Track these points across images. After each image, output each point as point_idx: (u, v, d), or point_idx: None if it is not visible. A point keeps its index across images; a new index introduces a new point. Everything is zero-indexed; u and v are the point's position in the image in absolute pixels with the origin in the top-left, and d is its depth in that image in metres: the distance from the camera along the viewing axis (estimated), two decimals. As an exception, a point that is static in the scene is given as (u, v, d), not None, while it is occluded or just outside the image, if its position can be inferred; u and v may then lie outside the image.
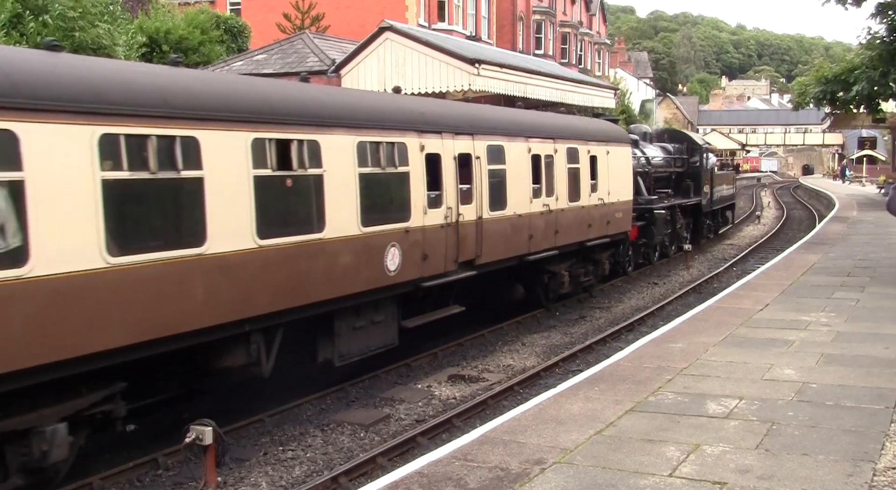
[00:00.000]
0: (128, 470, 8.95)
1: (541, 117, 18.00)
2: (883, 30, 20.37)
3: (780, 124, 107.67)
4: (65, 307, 7.43)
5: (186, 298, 8.60)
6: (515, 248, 15.19)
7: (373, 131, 11.41)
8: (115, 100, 7.96)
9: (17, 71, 7.35)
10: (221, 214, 8.92)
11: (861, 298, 14.82)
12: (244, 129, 9.27)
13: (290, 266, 9.92)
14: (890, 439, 7.49)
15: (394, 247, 11.77)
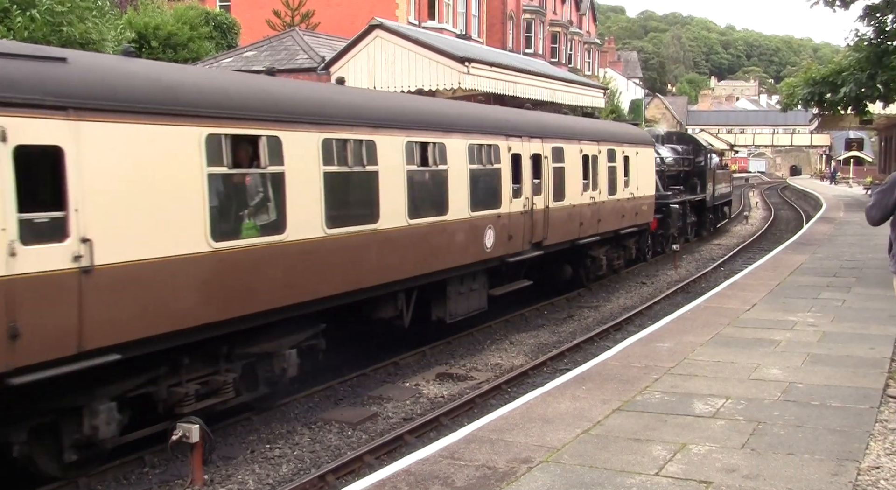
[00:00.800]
0: (114, 468, 8.91)
1: (589, 123, 21.26)
2: (870, 32, 20.48)
3: (769, 125, 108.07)
4: (304, 263, 10.18)
5: (366, 262, 11.40)
6: (570, 233, 18.01)
7: (478, 135, 14.34)
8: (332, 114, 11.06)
9: (277, 92, 10.34)
10: (389, 200, 11.80)
11: (847, 299, 14.90)
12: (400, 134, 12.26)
13: (427, 240, 12.79)
14: (874, 439, 7.54)
15: (490, 228, 14.55)
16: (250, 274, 9.39)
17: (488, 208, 14.44)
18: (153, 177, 8.29)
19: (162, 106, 8.43)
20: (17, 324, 6.98)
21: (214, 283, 8.92)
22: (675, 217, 26.88)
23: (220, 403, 9.71)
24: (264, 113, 9.67)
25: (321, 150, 10.43)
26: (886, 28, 20.02)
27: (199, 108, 8.84)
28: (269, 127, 9.68)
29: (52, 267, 7.29)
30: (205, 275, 8.80)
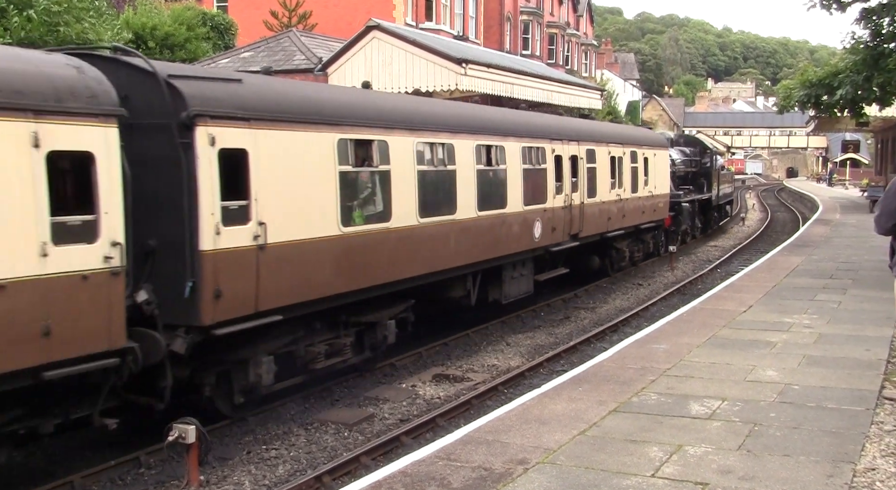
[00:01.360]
0: (109, 468, 8.90)
1: (616, 128, 24.19)
2: (867, 35, 20.52)
3: (765, 127, 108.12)
4: (402, 247, 12.11)
5: (446, 247, 13.27)
6: (600, 227, 20.04)
7: (528, 139, 16.18)
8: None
9: (383, 104, 12.47)
10: (464, 194, 13.70)
11: (843, 300, 14.92)
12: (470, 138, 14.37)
13: (491, 230, 14.70)
14: (870, 441, 7.55)
15: (538, 221, 16.42)
16: (366, 254, 11.38)
17: (537, 203, 16.44)
18: (302, 173, 10.23)
19: (307, 116, 10.40)
20: (220, 287, 8.97)
21: (342, 261, 10.89)
22: (686, 215, 28.98)
23: (340, 362, 11.64)
24: (376, 121, 11.66)
25: (415, 151, 12.47)
26: (882, 31, 20.06)
27: (333, 117, 10.82)
28: (380, 133, 11.70)
29: (240, 244, 9.25)
30: (336, 254, 10.77)
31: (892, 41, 19.87)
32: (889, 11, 19.62)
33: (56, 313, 7.42)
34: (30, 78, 7.40)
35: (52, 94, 7.48)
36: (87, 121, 7.75)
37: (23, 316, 7.17)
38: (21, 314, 7.16)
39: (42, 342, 7.32)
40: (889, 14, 19.71)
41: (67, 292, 7.52)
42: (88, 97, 7.80)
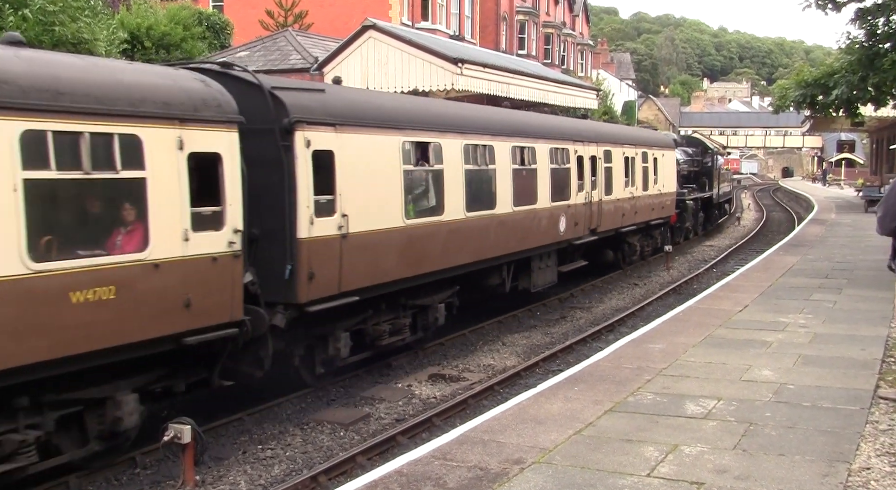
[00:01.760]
0: (105, 469, 8.89)
1: (629, 130, 26.34)
2: (862, 35, 20.55)
3: (761, 127, 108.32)
4: (452, 238, 13.51)
5: (487, 239, 14.62)
6: (615, 223, 21.46)
7: (555, 141, 17.58)
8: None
9: (436, 109, 14.17)
10: (502, 191, 15.07)
11: (838, 300, 14.95)
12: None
13: (524, 224, 16.05)
14: (865, 440, 7.57)
15: (562, 216, 17.77)
16: (423, 244, 12.73)
17: (562, 200, 17.79)
18: (375, 171, 11.60)
19: (379, 121, 11.80)
20: (313, 270, 10.34)
21: (404, 250, 12.21)
22: (691, 212, 30.67)
23: (399, 340, 13.01)
24: (432, 125, 13.13)
25: (462, 152, 13.83)
26: (877, 31, 20.11)
27: (398, 122, 12.24)
28: (435, 136, 13.12)
29: (328, 233, 10.61)
30: (399, 243, 12.12)
31: (887, 41, 19.90)
32: (884, 12, 19.67)
33: (194, 289, 8.76)
34: (174, 92, 8.72)
35: (190, 105, 8.82)
36: (215, 127, 9.10)
37: (171, 290, 8.53)
38: (170, 289, 8.51)
39: (184, 313, 8.66)
40: (884, 14, 19.76)
41: (202, 271, 8.86)
42: (216, 107, 9.15)
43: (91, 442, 8.47)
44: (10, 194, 7.02)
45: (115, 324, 7.97)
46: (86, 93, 7.81)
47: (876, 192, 42.14)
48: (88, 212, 8.08)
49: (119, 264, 7.97)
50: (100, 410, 8.42)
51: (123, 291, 7.99)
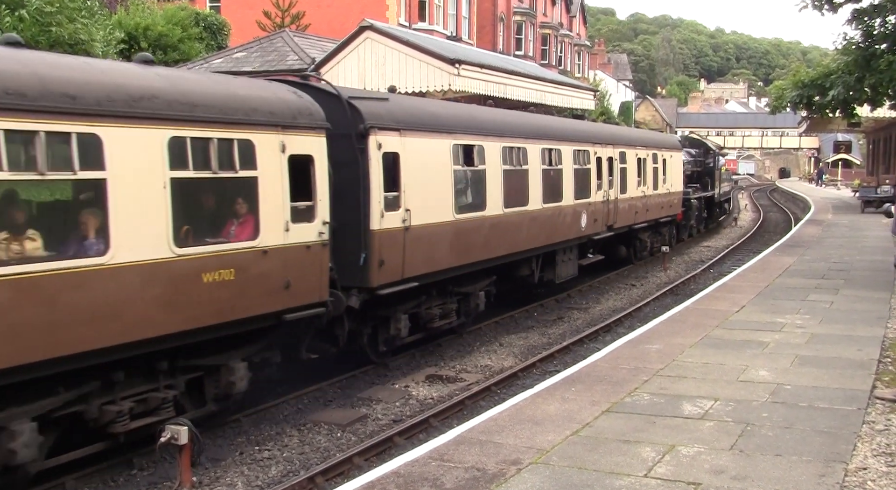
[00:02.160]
0: (102, 470, 8.88)
1: (642, 132, 28.36)
2: (858, 36, 20.56)
3: (758, 127, 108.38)
4: (492, 232, 14.92)
5: (520, 233, 16.06)
6: (629, 220, 23.09)
7: (577, 143, 19.07)
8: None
9: (480, 115, 15.49)
10: (533, 189, 16.56)
11: (835, 301, 14.97)
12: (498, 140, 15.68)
13: (551, 220, 17.49)
14: (862, 440, 7.58)
15: (584, 213, 19.26)
16: (469, 237, 14.09)
17: (583, 198, 19.24)
18: (430, 170, 13.05)
19: (433, 126, 13.28)
20: (383, 258, 11.67)
21: (454, 242, 13.63)
22: (695, 210, 32.31)
23: (447, 323, 14.35)
24: (476, 129, 14.60)
25: (501, 154, 15.22)
26: (874, 32, 20.11)
27: (449, 126, 13.76)
28: (479, 139, 14.55)
29: (394, 225, 12.03)
30: (450, 236, 13.53)
31: (884, 42, 19.91)
32: (880, 12, 19.68)
33: (292, 272, 10.09)
34: (276, 103, 10.18)
35: (289, 113, 10.22)
36: (308, 133, 10.47)
37: (275, 273, 9.86)
38: (274, 272, 9.85)
39: (284, 293, 10.01)
40: (880, 15, 19.77)
41: (298, 257, 10.21)
42: (308, 115, 10.54)
43: (208, 403, 9.81)
44: (160, 191, 8.45)
45: (234, 301, 9.33)
46: (213, 105, 9.19)
47: (872, 193, 42.23)
48: (215, 206, 9.46)
49: (237, 250, 9.42)
50: (216, 376, 9.76)
51: (240, 273, 9.39)
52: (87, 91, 7.89)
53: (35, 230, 7.53)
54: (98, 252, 7.90)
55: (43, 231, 7.60)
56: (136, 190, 8.26)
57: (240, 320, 9.52)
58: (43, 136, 7.40)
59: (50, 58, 8.50)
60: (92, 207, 8.01)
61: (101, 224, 7.95)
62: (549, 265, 18.10)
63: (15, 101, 7.20)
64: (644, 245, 25.52)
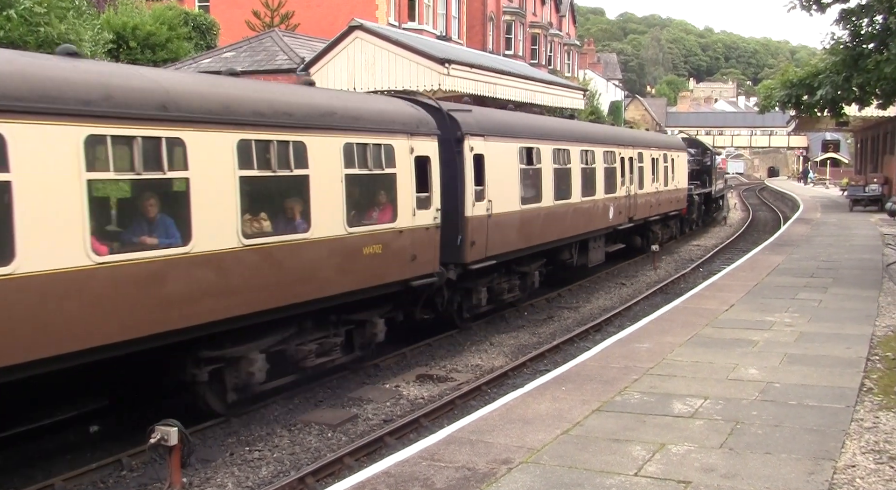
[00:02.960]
0: (91, 471, 8.84)
1: (655, 135, 31.82)
2: (846, 36, 20.62)
3: (747, 126, 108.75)
4: (545, 221, 17.54)
5: (564, 223, 18.67)
6: (646, 213, 25.90)
7: (606, 145, 22.03)
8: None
9: (538, 122, 18.97)
10: (574, 184, 19.23)
11: (824, 299, 15.04)
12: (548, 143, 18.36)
13: (587, 211, 20.14)
14: (850, 438, 7.62)
15: (611, 206, 22.07)
16: (529, 225, 16.79)
17: (611, 193, 22.05)
18: (504, 169, 15.74)
19: (505, 132, 16.01)
20: (473, 239, 14.50)
21: (519, 229, 16.35)
22: (696, 205, 35.25)
23: (512, 296, 17.12)
24: (534, 134, 17.36)
25: (552, 154, 17.88)
26: (861, 32, 20.16)
27: (516, 132, 16.57)
28: (537, 142, 17.24)
29: (480, 213, 14.73)
30: (517, 223, 16.25)
31: (871, 42, 19.98)
32: (868, 12, 19.74)
33: (417, 248, 12.92)
34: (405, 115, 13.10)
35: (414, 123, 13.10)
36: (427, 138, 13.37)
37: (406, 249, 12.67)
38: (406, 248, 12.64)
39: (411, 264, 12.85)
40: (868, 15, 19.83)
41: (421, 236, 13.05)
42: (426, 124, 13.42)
43: (356, 350, 12.49)
44: (339, 184, 11.18)
45: (381, 269, 12.12)
46: (370, 118, 12.06)
47: (861, 192, 42.41)
48: (370, 195, 12.14)
49: (384, 230, 12.17)
50: (362, 329, 12.48)
51: (385, 248, 12.12)
52: (298, 110, 10.72)
53: (265, 213, 10.13)
54: (304, 230, 10.60)
55: (270, 214, 10.24)
56: (326, 183, 10.95)
57: (384, 285, 12.32)
58: (276, 144, 10.13)
59: (281, 88, 11.66)
60: (299, 197, 10.58)
61: (304, 209, 10.60)
62: (583, 251, 20.75)
63: (279, 120, 10.23)
64: (656, 236, 28.10)
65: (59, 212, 7.62)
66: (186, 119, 8.91)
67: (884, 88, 20.38)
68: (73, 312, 7.79)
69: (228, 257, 9.41)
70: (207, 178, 9.14)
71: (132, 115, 8.26)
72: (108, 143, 8.08)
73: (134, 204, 8.83)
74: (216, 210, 9.24)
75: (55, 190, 7.62)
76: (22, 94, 7.39)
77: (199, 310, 9.13)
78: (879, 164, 48.16)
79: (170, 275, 8.73)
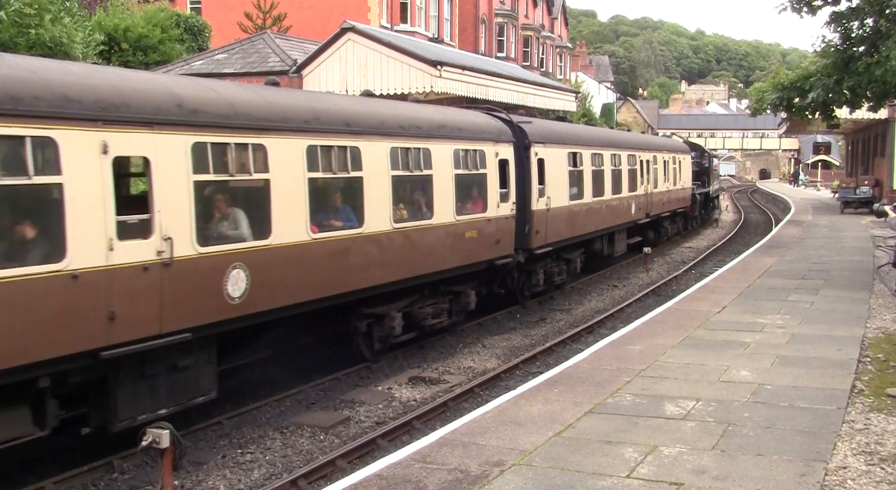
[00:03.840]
0: (82, 473, 8.81)
1: (665, 141, 34.79)
2: (837, 38, 20.70)
3: (738, 129, 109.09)
4: (586, 215, 20.50)
5: (598, 216, 21.57)
6: (659, 209, 29.03)
7: (630, 149, 25.21)
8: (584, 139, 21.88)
9: (580, 130, 24.36)
10: (608, 184, 22.33)
11: (815, 301, 15.08)
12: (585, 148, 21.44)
13: (615, 208, 23.21)
14: (841, 439, 7.65)
15: (633, 203, 25.01)
16: (574, 218, 19.79)
17: (633, 191, 25.10)
18: (558, 170, 18.62)
19: (557, 139, 18.95)
20: (537, 229, 17.33)
21: (568, 221, 19.35)
22: (698, 204, 38.27)
23: (561, 279, 20.04)
24: (578, 141, 20.64)
25: (590, 158, 20.90)
26: (852, 34, 20.25)
27: (565, 139, 19.60)
28: (581, 147, 20.43)
29: (542, 207, 17.59)
30: (566, 217, 19.19)
31: (862, 44, 20.06)
32: (858, 15, 19.82)
33: (500, 234, 15.82)
34: (491, 125, 16.17)
35: (496, 132, 16.09)
36: (506, 144, 16.29)
37: (492, 234, 15.54)
38: (492, 233, 15.53)
39: (496, 246, 15.71)
40: (858, 18, 19.91)
41: (502, 225, 15.91)
42: (505, 133, 16.43)
43: (453, 316, 15.22)
44: (451, 181, 14.12)
45: (476, 250, 15.06)
46: (469, 129, 15.21)
47: (852, 194, 42.57)
48: (470, 190, 15.01)
49: (478, 219, 15.07)
50: (457, 299, 15.22)
51: (479, 233, 15.08)
52: (424, 124, 13.62)
53: (403, 204, 12.95)
54: (428, 217, 13.54)
55: (407, 205, 13.08)
56: (443, 180, 13.91)
57: (478, 262, 15.21)
58: (412, 150, 13.10)
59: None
60: (426, 192, 13.56)
61: (428, 201, 13.61)
62: (610, 243, 23.61)
63: (413, 132, 13.23)
64: (665, 231, 31.54)
65: (294, 202, 10.54)
66: (361, 132, 11.94)
67: (874, 91, 20.47)
68: (300, 273, 10.68)
69: (384, 237, 12.38)
70: (373, 176, 12.11)
71: (330, 129, 11.30)
72: (318, 150, 10.97)
73: (330, 196, 11.59)
74: (378, 201, 12.23)
75: (292, 185, 10.50)
76: (272, 116, 10.38)
77: (366, 276, 12.05)
78: (870, 166, 48.36)
79: (351, 249, 11.69)
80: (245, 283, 9.65)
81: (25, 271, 7.37)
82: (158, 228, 8.61)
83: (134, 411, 8.77)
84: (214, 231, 9.49)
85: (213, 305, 9.30)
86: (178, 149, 8.85)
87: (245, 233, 9.84)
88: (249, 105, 10.09)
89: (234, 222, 9.81)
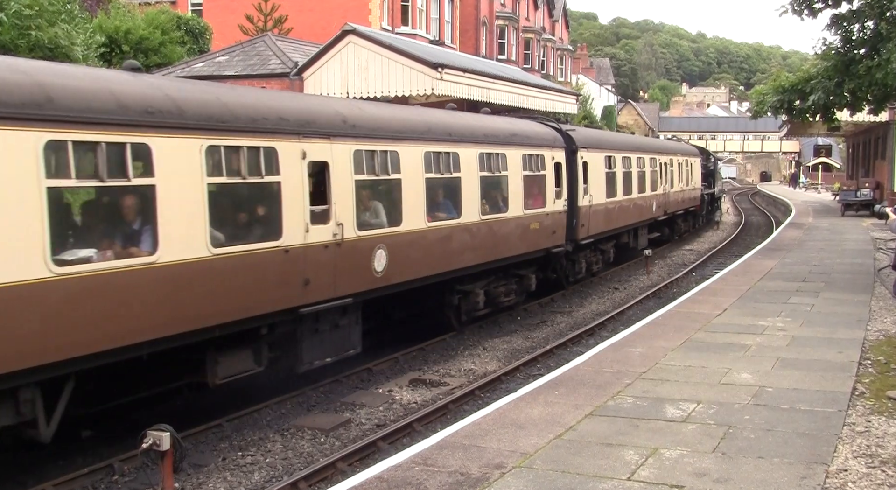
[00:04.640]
0: (82, 476, 8.80)
1: (680, 145, 37.24)
2: (837, 41, 20.73)
3: (739, 131, 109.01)
4: (619, 211, 23.42)
5: (627, 214, 24.31)
6: (674, 208, 31.60)
7: (652, 153, 27.77)
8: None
9: (614, 137, 29.36)
10: (633, 185, 24.69)
11: (816, 303, 15.07)
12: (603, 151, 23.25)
13: (639, 206, 25.59)
14: (842, 442, 7.64)
15: (654, 202, 27.53)
16: (609, 214, 22.11)
17: (654, 191, 27.60)
18: (597, 171, 20.96)
19: (597, 145, 21.33)
20: (583, 223, 19.84)
21: (605, 217, 21.70)
22: (705, 203, 40.27)
23: (598, 268, 22.83)
24: (613, 146, 23.11)
25: (621, 161, 23.41)
26: (853, 37, 20.28)
27: (602, 145, 21.98)
28: (616, 152, 23.03)
29: (585, 204, 19.97)
30: (604, 213, 21.46)
31: (863, 47, 20.09)
32: (859, 18, 19.85)
33: (555, 226, 18.18)
34: (548, 133, 18.70)
35: (551, 139, 18.58)
36: (559, 149, 18.70)
37: (549, 226, 17.88)
38: (548, 225, 17.86)
39: (552, 236, 18.12)
40: (859, 20, 19.94)
41: (556, 218, 18.26)
42: (558, 140, 18.81)
43: (517, 296, 17.55)
44: (521, 181, 16.60)
45: (538, 239, 17.47)
46: (533, 137, 17.70)
47: (852, 196, 42.57)
48: (533, 188, 17.23)
49: (539, 213, 17.39)
50: (523, 281, 17.63)
51: (540, 225, 17.43)
52: (500, 132, 16.35)
53: (486, 199, 15.30)
54: (504, 211, 16.00)
55: (488, 200, 15.44)
56: (515, 180, 16.35)
57: (538, 250, 17.68)
58: (494, 155, 15.68)
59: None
60: (501, 189, 16.00)
61: (504, 197, 16.03)
62: (634, 237, 26.07)
63: (493, 139, 15.88)
64: (679, 227, 34.42)
65: (417, 196, 13.11)
66: (458, 140, 14.48)
67: (875, 94, 20.49)
68: (419, 254, 13.15)
69: (474, 227, 14.79)
70: (467, 176, 14.60)
71: (440, 139, 13.84)
72: (431, 156, 13.50)
73: (438, 192, 13.78)
74: (471, 196, 14.69)
75: (416, 183, 12.98)
76: (403, 129, 12.95)
77: (461, 258, 14.50)
78: (871, 168, 48.36)
79: (452, 236, 14.15)
80: (385, 261, 12.13)
81: (259, 246, 9.82)
82: (334, 216, 11.06)
83: (312, 358, 11.05)
84: (366, 219, 11.90)
85: (366, 277, 11.81)
86: (345, 154, 11.34)
87: (384, 220, 12.32)
88: (390, 121, 12.76)
89: (376, 212, 12.22)
